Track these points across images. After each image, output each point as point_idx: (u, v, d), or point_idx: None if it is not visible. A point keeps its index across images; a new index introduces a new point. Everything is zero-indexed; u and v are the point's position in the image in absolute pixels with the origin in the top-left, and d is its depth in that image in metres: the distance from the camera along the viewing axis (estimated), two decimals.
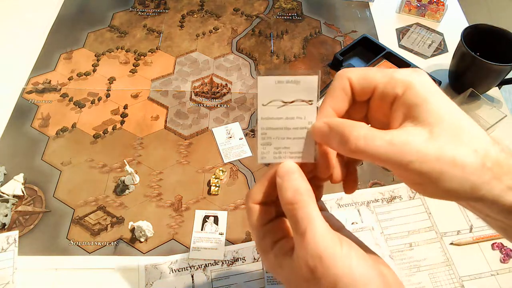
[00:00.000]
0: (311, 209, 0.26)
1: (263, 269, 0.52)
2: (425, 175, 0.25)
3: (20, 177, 0.60)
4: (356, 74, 0.29)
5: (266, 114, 0.30)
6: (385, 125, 0.28)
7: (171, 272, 0.52)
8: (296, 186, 0.27)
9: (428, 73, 0.73)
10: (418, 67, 0.74)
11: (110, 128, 0.67)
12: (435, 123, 0.25)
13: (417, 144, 0.25)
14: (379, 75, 0.28)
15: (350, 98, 0.29)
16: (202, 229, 0.56)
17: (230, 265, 0.53)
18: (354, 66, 0.74)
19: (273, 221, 0.30)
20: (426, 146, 0.25)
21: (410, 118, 0.26)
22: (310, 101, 0.29)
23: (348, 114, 0.30)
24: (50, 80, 0.74)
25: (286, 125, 0.29)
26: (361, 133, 0.25)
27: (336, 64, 0.76)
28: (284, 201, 0.27)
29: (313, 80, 0.28)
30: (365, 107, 0.30)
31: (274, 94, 0.29)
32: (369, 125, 0.28)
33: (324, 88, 0.70)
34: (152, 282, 0.51)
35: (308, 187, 0.28)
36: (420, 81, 0.27)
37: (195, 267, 0.53)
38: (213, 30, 0.84)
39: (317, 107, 0.29)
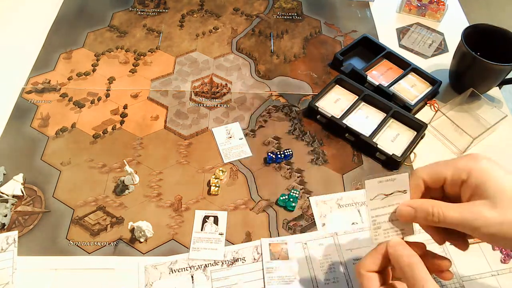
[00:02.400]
0: (426, 272, 0.34)
1: (263, 269, 0.52)
2: (493, 237, 0.33)
3: (19, 177, 0.60)
4: (427, 173, 0.38)
5: (373, 205, 0.39)
6: (458, 200, 0.37)
7: (171, 272, 0.52)
8: (409, 252, 0.36)
9: (428, 73, 0.73)
10: (417, 67, 0.74)
11: (109, 128, 0.67)
12: (495, 196, 0.33)
13: (483, 213, 0.33)
14: (446, 168, 0.37)
15: (424, 190, 0.39)
16: (202, 229, 0.56)
17: (230, 265, 0.53)
18: (354, 66, 0.74)
19: (384, 285, 0.38)
20: (490, 214, 0.33)
21: (476, 195, 0.34)
22: (404, 191, 0.38)
23: (429, 195, 0.39)
24: (50, 80, 0.74)
25: (389, 211, 0.39)
26: (441, 208, 0.35)
27: (336, 64, 0.76)
28: (402, 264, 0.35)
29: (405, 176, 0.38)
30: (441, 189, 0.39)
31: (377, 190, 0.38)
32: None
33: (324, 88, 0.70)
34: (152, 283, 0.51)
35: (418, 256, 0.36)
36: (478, 167, 0.35)
37: (195, 267, 0.53)
38: (213, 30, 0.84)
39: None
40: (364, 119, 0.67)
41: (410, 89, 0.72)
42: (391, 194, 0.38)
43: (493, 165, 0.35)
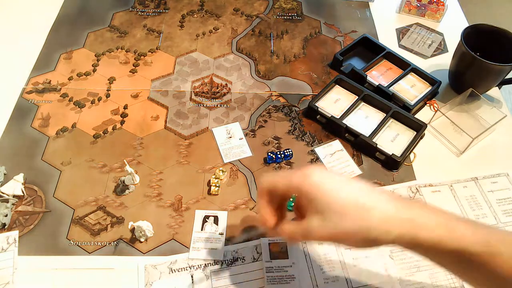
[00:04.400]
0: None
1: (263, 269, 0.52)
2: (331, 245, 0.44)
3: (20, 177, 0.60)
4: (269, 182, 0.41)
5: None
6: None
7: (171, 272, 0.52)
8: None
9: (428, 73, 0.73)
10: (417, 67, 0.74)
11: (110, 128, 0.67)
12: (324, 211, 0.37)
13: (314, 227, 0.37)
14: (282, 182, 0.40)
15: (268, 197, 0.42)
16: (202, 229, 0.56)
17: (230, 265, 0.53)
18: (354, 66, 0.74)
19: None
20: (320, 228, 0.37)
21: (310, 210, 0.38)
22: None
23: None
24: (50, 80, 0.74)
25: None
26: (284, 227, 0.41)
27: (336, 64, 0.76)
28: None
29: None
30: None
31: None
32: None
33: (324, 88, 0.70)
34: (152, 282, 0.51)
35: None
36: (308, 183, 0.38)
37: (195, 267, 0.53)
38: (213, 30, 0.84)
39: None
40: (364, 119, 0.67)
41: (410, 89, 0.72)
42: None
43: (325, 178, 0.38)
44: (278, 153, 0.63)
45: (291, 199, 0.42)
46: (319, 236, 0.37)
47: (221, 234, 0.56)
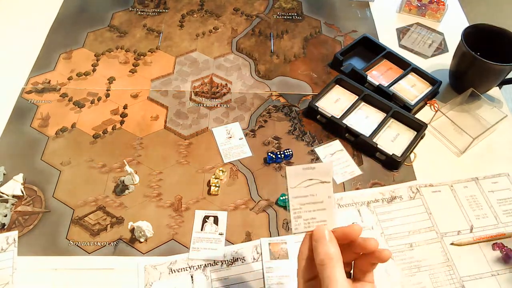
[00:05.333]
0: (337, 271, 0.32)
1: (262, 269, 0.52)
2: None
3: (19, 177, 0.60)
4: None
5: (295, 194, 0.37)
6: None
7: (171, 272, 0.52)
8: (326, 250, 0.33)
9: (428, 73, 0.73)
10: (417, 67, 0.74)
11: (109, 128, 0.67)
12: None
13: None
14: None
15: None
16: (202, 229, 0.56)
17: (230, 265, 0.53)
18: (354, 66, 0.74)
19: (315, 279, 0.35)
20: None
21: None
22: (328, 181, 0.37)
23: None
24: (50, 80, 0.74)
25: (311, 200, 0.37)
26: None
27: (336, 64, 0.76)
28: (317, 261, 0.33)
29: (328, 165, 0.37)
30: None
31: (299, 178, 0.37)
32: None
33: (324, 88, 0.70)
34: (152, 283, 0.51)
35: (337, 252, 0.33)
36: None
37: (195, 267, 0.53)
38: (213, 30, 0.84)
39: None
40: (364, 119, 0.67)
41: (410, 89, 0.72)
42: (314, 183, 0.37)
43: None
44: (278, 153, 0.63)
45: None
46: None
47: (221, 234, 0.56)
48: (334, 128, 0.67)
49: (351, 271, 0.37)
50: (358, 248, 0.35)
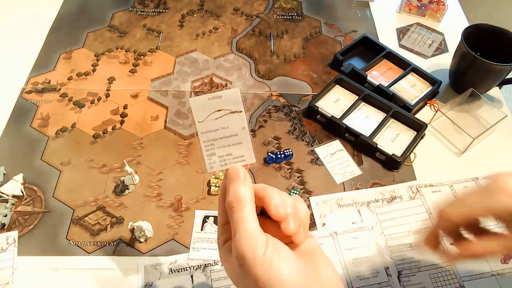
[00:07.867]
0: (245, 213, 0.29)
1: None
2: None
3: (19, 177, 0.60)
4: (461, 218, 0.37)
5: (204, 128, 0.33)
6: None
7: (171, 272, 0.52)
8: (236, 191, 0.30)
9: (428, 73, 0.73)
10: (417, 67, 0.74)
11: (109, 128, 0.67)
12: None
13: None
14: (480, 209, 0.36)
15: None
16: (202, 229, 0.56)
17: None
18: (354, 66, 0.74)
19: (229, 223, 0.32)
20: None
21: None
22: (240, 111, 0.33)
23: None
24: (50, 80, 0.74)
25: (223, 134, 0.33)
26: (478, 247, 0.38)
27: (336, 64, 0.76)
28: (226, 204, 0.30)
29: (236, 91, 0.32)
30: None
31: (207, 110, 0.33)
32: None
33: (324, 88, 0.70)
34: (152, 283, 0.51)
35: (248, 194, 0.30)
36: None
37: (195, 268, 0.53)
38: (213, 30, 0.84)
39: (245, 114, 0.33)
40: (364, 119, 0.67)
41: (410, 89, 0.72)
42: (224, 114, 0.33)
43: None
44: (278, 153, 0.63)
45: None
46: None
47: None
48: (334, 128, 0.67)
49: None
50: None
